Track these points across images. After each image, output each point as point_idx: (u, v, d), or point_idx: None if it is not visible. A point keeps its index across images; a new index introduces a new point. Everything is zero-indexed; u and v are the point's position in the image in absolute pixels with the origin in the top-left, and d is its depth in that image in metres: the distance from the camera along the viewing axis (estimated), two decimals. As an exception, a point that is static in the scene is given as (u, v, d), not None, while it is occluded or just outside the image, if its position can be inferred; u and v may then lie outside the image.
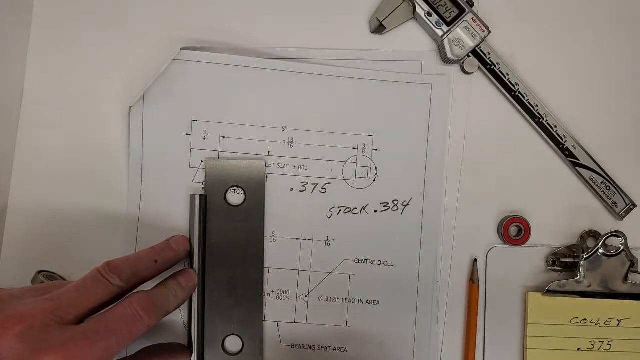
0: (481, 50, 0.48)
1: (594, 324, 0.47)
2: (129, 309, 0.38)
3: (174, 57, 0.47)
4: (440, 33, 0.48)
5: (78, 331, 0.35)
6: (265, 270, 0.47)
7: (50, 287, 0.38)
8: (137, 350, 0.44)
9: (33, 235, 0.47)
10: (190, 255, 0.46)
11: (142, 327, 0.38)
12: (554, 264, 0.48)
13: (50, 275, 0.46)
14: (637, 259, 0.47)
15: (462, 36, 0.47)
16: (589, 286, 0.47)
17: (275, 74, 0.47)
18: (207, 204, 0.46)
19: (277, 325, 0.47)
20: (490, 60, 0.48)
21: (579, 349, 0.47)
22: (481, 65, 0.48)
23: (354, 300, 0.47)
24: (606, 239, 0.46)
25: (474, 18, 0.48)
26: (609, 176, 0.48)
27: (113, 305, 0.38)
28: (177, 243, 0.44)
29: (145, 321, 0.38)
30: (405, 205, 0.48)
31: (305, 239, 0.47)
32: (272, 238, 0.47)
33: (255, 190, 0.47)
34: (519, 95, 0.48)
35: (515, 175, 0.49)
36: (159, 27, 0.48)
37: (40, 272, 0.45)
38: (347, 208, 0.48)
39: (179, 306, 0.43)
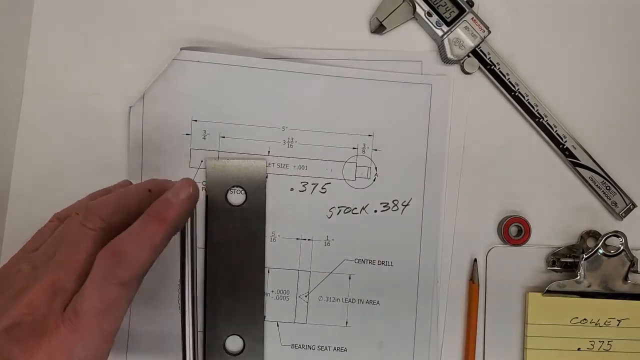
0: (481, 50, 0.48)
1: (594, 324, 0.47)
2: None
3: (174, 57, 0.47)
4: (440, 33, 0.48)
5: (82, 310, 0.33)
6: (265, 270, 0.47)
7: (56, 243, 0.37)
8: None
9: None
10: (190, 256, 0.46)
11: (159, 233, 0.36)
12: (554, 264, 0.48)
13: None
14: (637, 259, 0.47)
15: (462, 36, 0.47)
16: (589, 286, 0.47)
17: (275, 74, 0.47)
18: (208, 204, 0.46)
19: (277, 326, 0.47)
20: (490, 60, 0.48)
21: (579, 349, 0.47)
22: (481, 65, 0.48)
23: (354, 300, 0.47)
24: (606, 239, 0.46)
25: (474, 18, 0.47)
26: (609, 176, 0.48)
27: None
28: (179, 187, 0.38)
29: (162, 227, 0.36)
30: (405, 205, 0.48)
31: (305, 239, 0.47)
32: (272, 238, 0.47)
33: (256, 190, 0.47)
34: (519, 95, 0.48)
35: (515, 175, 0.49)
36: (159, 27, 0.48)
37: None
38: (347, 208, 0.48)
39: (182, 216, 0.38)
